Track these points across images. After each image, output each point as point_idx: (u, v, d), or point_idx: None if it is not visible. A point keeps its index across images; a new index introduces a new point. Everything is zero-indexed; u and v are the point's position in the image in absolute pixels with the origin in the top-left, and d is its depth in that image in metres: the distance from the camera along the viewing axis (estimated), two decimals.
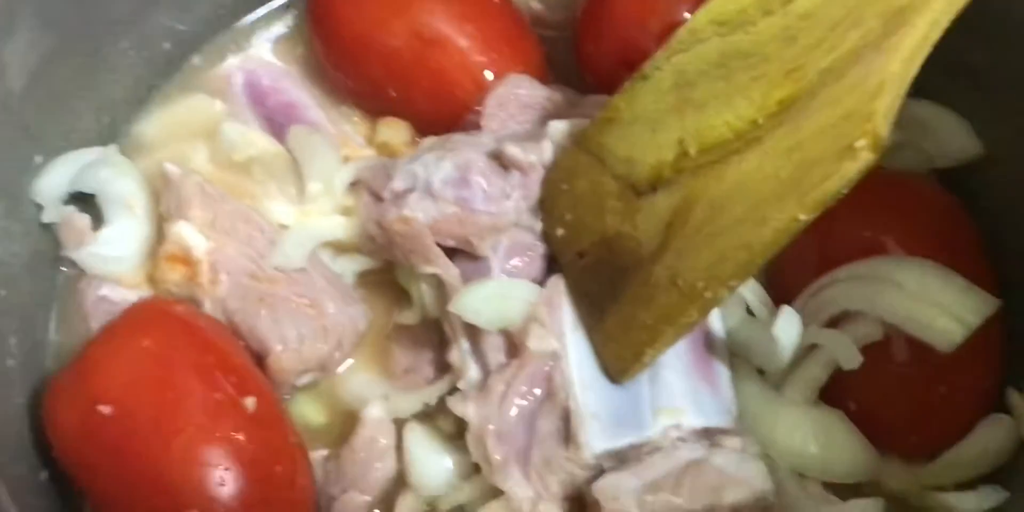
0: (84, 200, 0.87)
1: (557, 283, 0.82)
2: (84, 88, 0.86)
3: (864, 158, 0.63)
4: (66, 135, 0.85)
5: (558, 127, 0.84)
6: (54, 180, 0.83)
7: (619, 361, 0.78)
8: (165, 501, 0.69)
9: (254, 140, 0.91)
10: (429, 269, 0.82)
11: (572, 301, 0.82)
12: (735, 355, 0.84)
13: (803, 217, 0.66)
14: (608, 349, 0.79)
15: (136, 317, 0.77)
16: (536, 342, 0.78)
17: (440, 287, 0.83)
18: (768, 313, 0.85)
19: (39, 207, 0.83)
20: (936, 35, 0.62)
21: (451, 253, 0.83)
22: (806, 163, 0.66)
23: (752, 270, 0.71)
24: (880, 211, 0.84)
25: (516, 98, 0.90)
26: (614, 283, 0.78)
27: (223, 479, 0.70)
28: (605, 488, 0.74)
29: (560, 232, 0.83)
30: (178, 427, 0.71)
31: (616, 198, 0.79)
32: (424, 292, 0.85)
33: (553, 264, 0.84)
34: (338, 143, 0.92)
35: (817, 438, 0.81)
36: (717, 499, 0.74)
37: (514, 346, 0.80)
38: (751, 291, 0.84)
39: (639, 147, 0.77)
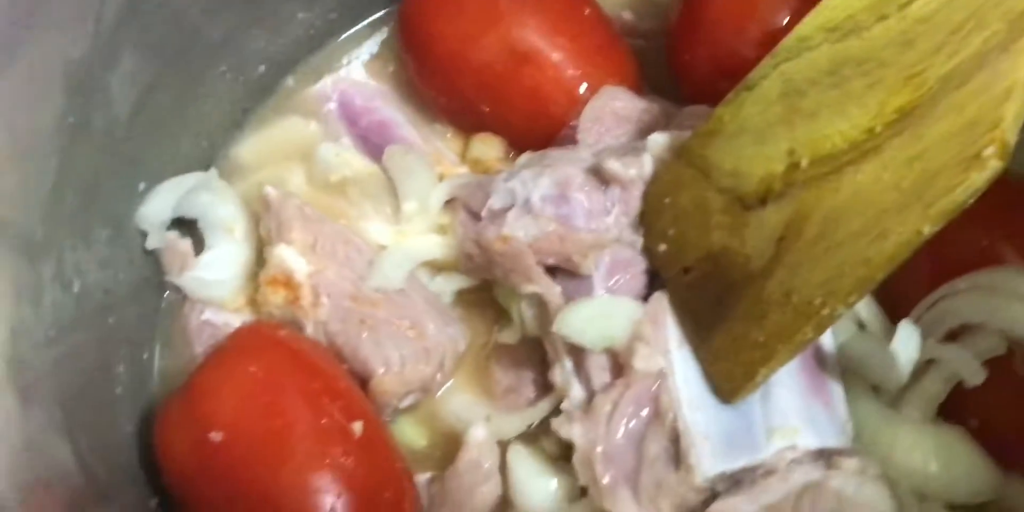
0: (183, 225, 0.87)
1: (661, 300, 0.80)
2: (183, 114, 0.86)
3: (992, 167, 0.60)
4: (167, 161, 0.86)
5: (658, 140, 0.82)
6: (157, 206, 0.84)
7: (730, 380, 0.76)
8: None
9: (349, 160, 0.91)
10: (530, 288, 0.81)
11: (677, 318, 0.80)
12: (848, 372, 0.81)
13: (927, 230, 0.63)
14: (717, 368, 0.77)
15: (242, 342, 0.77)
16: (642, 361, 0.76)
17: (541, 306, 0.82)
18: (881, 327, 0.82)
19: (143, 234, 0.84)
20: None
21: (551, 271, 0.82)
22: (929, 173, 0.63)
23: (872, 285, 0.68)
24: (997, 218, 0.80)
25: (612, 111, 0.88)
26: (721, 300, 0.76)
27: (333, 506, 0.70)
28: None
29: (663, 248, 0.81)
30: (288, 453, 0.71)
31: (722, 212, 0.77)
32: (524, 311, 0.83)
33: (655, 280, 0.82)
34: (433, 161, 0.92)
35: (938, 457, 0.78)
36: None
37: (619, 365, 0.78)
38: (864, 304, 0.81)
39: (746, 159, 0.75)
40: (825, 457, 0.76)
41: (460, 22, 0.89)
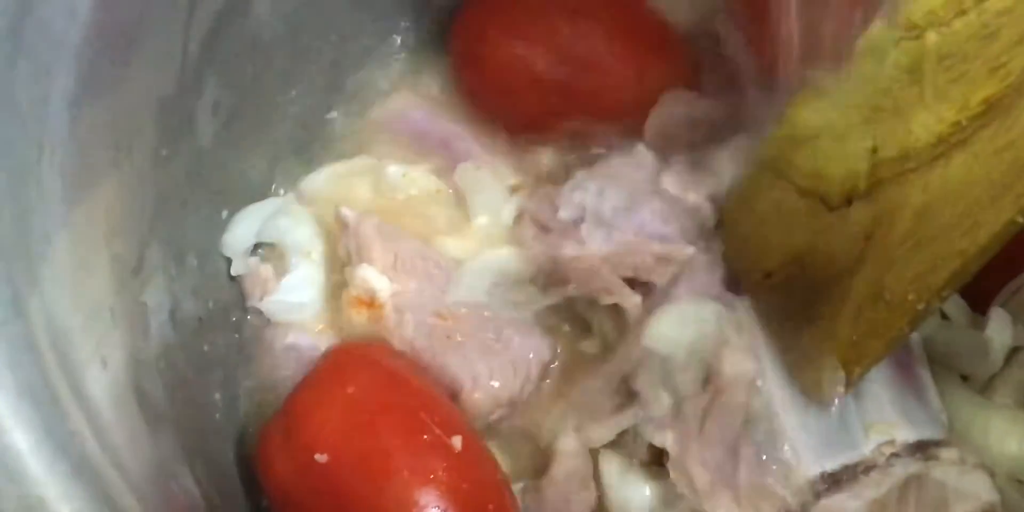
0: (261, 250, 0.89)
1: (745, 304, 0.80)
2: (259, 140, 0.87)
3: None
4: (245, 188, 0.87)
5: (733, 145, 0.82)
6: (240, 233, 0.85)
7: (822, 381, 0.76)
8: None
9: (416, 179, 0.92)
10: (609, 299, 0.81)
11: (761, 322, 0.80)
12: (935, 363, 0.81)
13: (1021, 219, 0.63)
14: (807, 370, 0.77)
15: (336, 363, 0.78)
16: (731, 366, 0.76)
17: (620, 316, 0.82)
18: (965, 316, 0.81)
19: (228, 260, 0.85)
20: None
21: (629, 282, 0.82)
22: (1020, 162, 0.63)
23: (966, 277, 0.68)
24: None
25: (676, 117, 0.88)
26: (808, 302, 0.76)
27: None
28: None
29: (743, 253, 0.81)
30: (391, 471, 0.71)
31: (805, 214, 0.77)
32: (603, 322, 0.83)
33: (734, 286, 0.82)
34: (501, 176, 0.92)
35: None
36: None
37: (707, 372, 0.78)
38: None
39: (826, 160, 0.75)
40: (923, 449, 0.75)
41: (515, 34, 0.90)
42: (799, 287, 0.77)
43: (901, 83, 0.70)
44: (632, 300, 0.80)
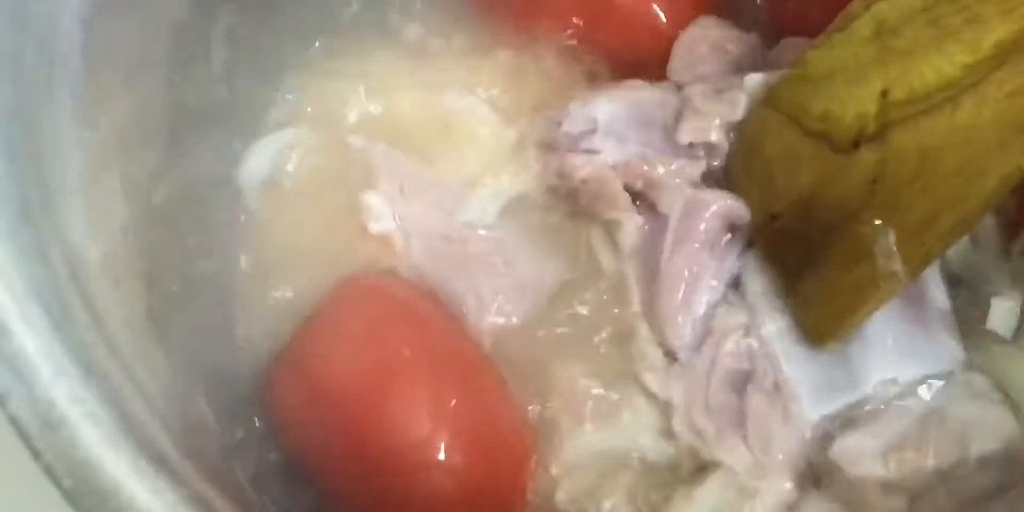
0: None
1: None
2: (272, 69, 0.87)
3: None
4: (259, 119, 0.88)
5: (756, 79, 0.80)
6: (254, 164, 0.86)
7: (824, 326, 0.76)
8: (393, 466, 0.70)
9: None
10: (611, 214, 0.80)
11: (764, 267, 0.80)
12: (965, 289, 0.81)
13: None
14: (810, 315, 0.77)
15: (344, 295, 0.79)
16: (719, 320, 0.77)
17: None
18: (995, 243, 0.81)
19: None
20: None
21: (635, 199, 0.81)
22: None
23: (971, 225, 0.69)
24: None
25: (707, 40, 0.87)
26: (812, 246, 0.76)
27: (446, 442, 0.71)
28: (845, 451, 0.73)
29: (750, 194, 0.81)
30: (400, 400, 0.72)
31: (812, 157, 0.77)
32: (603, 250, 0.83)
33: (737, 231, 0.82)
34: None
35: None
36: (964, 451, 0.72)
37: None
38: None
39: (837, 101, 0.75)
40: (934, 382, 0.76)
41: None
42: (804, 231, 0.77)
43: (915, 24, 0.70)
44: (634, 219, 0.80)
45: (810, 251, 0.76)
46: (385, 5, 0.93)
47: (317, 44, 0.92)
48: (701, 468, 0.76)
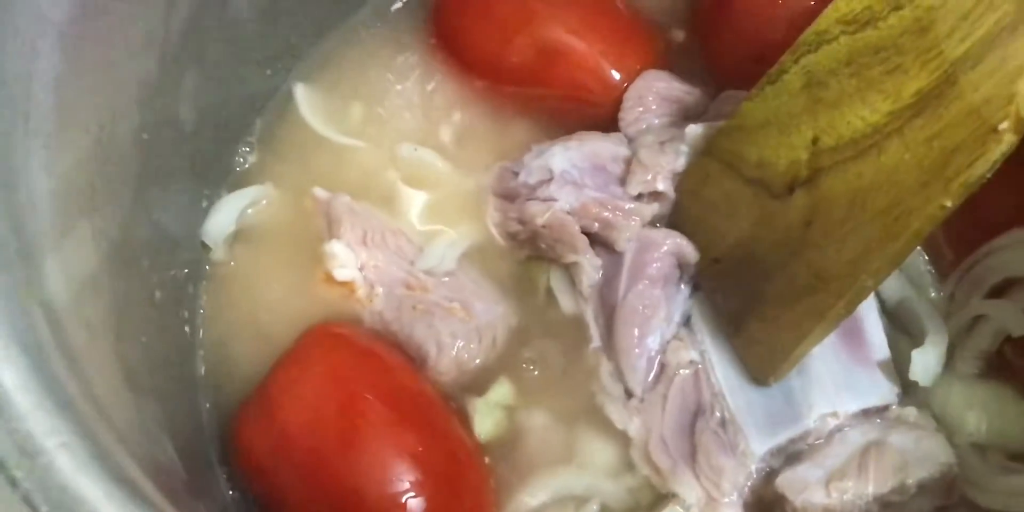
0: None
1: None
2: (237, 128, 0.91)
3: (1008, 140, 0.65)
4: (225, 176, 0.92)
5: (696, 131, 0.85)
6: (220, 220, 0.89)
7: (766, 363, 0.80)
8: (359, 508, 0.72)
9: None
10: (572, 258, 0.84)
11: (710, 308, 0.84)
12: (898, 327, 0.85)
13: (949, 204, 0.67)
14: (752, 353, 0.81)
15: (310, 344, 0.81)
16: (674, 355, 0.81)
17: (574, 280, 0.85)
18: (928, 281, 0.86)
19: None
20: None
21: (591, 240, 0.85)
22: (948, 150, 0.68)
23: (900, 260, 0.73)
24: None
25: (655, 91, 0.92)
26: (753, 286, 0.80)
27: (411, 488, 0.74)
28: (791, 482, 0.76)
29: (693, 239, 0.85)
30: (365, 446, 0.75)
31: (750, 202, 0.81)
32: (557, 284, 0.87)
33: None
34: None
35: (988, 409, 0.81)
36: (903, 478, 0.76)
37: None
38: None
39: (771, 149, 0.79)
40: (877, 415, 0.79)
41: (492, 24, 0.94)
42: (745, 273, 0.81)
43: (840, 75, 0.75)
44: (593, 261, 0.83)
45: (752, 292, 0.80)
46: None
47: (280, 103, 0.96)
48: (659, 499, 0.79)
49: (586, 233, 0.84)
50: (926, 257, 0.88)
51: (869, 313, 0.83)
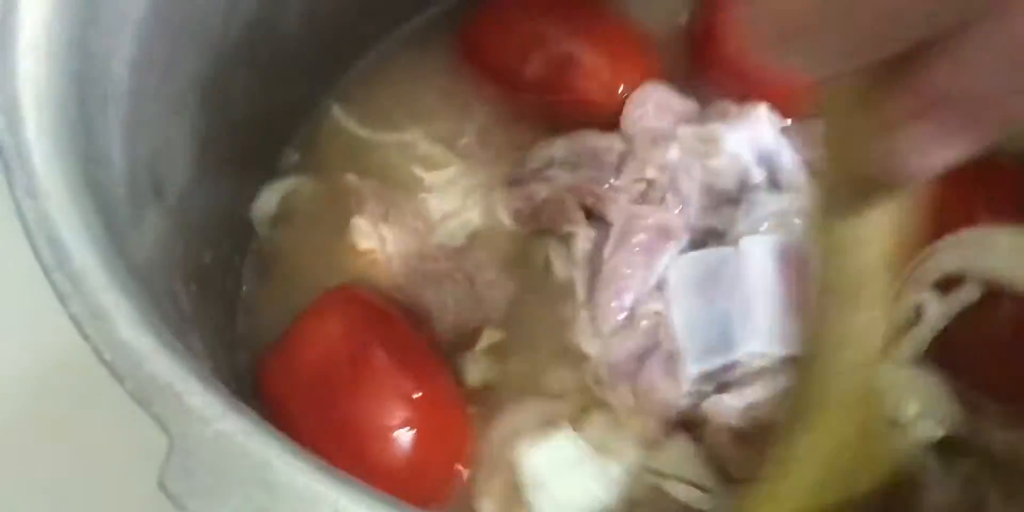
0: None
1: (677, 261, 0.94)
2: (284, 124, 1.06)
3: None
4: (272, 164, 1.07)
5: (686, 131, 0.98)
6: (266, 200, 1.05)
7: None
8: (362, 434, 0.86)
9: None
10: (568, 228, 0.97)
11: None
12: None
13: None
14: None
15: (328, 302, 0.96)
16: (643, 308, 0.92)
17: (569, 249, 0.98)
18: None
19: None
20: None
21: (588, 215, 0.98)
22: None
23: None
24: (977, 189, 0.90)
25: (655, 100, 1.04)
26: None
27: (404, 425, 0.87)
28: (714, 406, 0.86)
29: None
30: (368, 384, 0.88)
31: None
32: (554, 253, 0.99)
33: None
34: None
35: (914, 394, 0.88)
36: None
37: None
38: None
39: None
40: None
41: (512, 41, 1.08)
42: None
43: None
44: (587, 231, 0.96)
45: None
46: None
47: (323, 109, 1.12)
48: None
49: (582, 209, 0.97)
50: None
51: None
